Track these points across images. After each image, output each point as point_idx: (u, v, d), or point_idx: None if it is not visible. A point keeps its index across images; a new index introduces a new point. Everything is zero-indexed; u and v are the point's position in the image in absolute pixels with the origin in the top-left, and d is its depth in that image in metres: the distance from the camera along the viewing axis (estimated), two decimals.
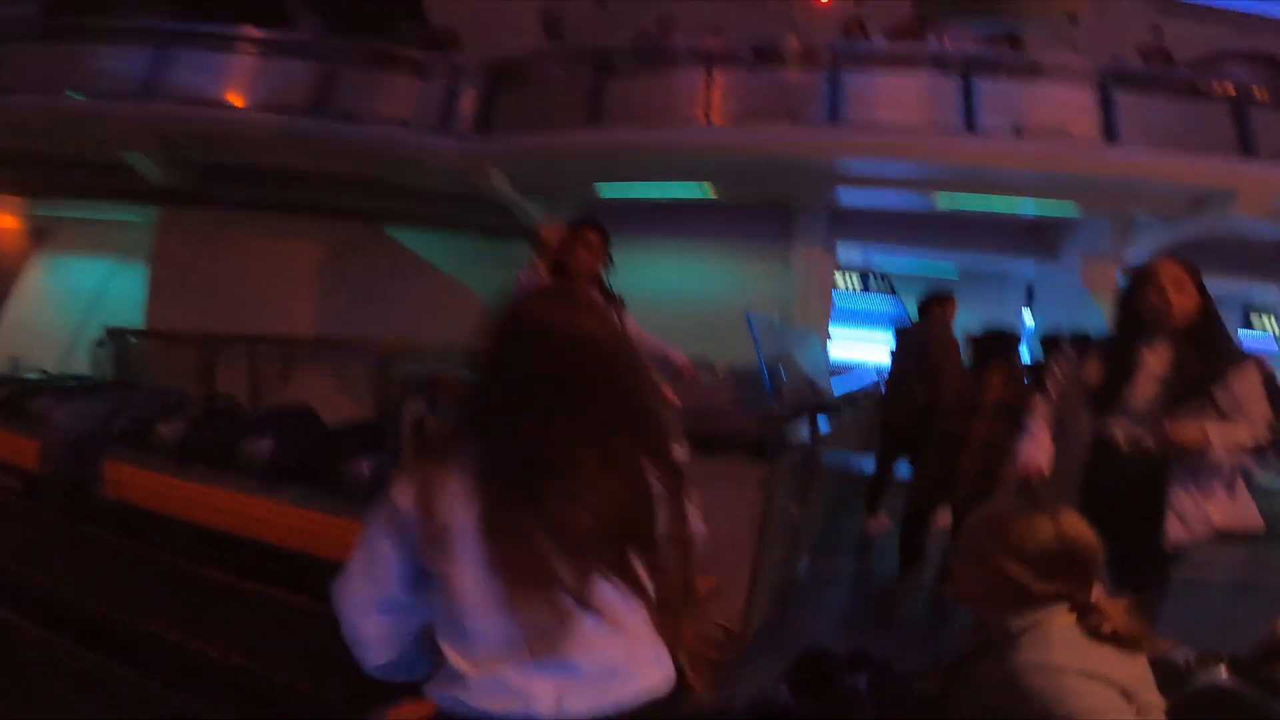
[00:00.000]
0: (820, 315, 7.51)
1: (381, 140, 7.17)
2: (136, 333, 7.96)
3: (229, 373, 7.21)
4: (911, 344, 4.68)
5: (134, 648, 3.15)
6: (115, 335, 8.03)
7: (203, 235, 7.92)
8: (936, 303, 4.70)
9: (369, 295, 7.88)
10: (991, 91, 6.27)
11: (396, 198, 7.62)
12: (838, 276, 8.42)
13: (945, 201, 6.92)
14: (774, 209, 7.33)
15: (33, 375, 6.84)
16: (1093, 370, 2.15)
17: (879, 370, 5.94)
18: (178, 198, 7.65)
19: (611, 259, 3.02)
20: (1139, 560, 2.01)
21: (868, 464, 4.96)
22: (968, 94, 6.21)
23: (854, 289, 9.34)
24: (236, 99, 7.31)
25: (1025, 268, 8.25)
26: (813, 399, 4.17)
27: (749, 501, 2.69)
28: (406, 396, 3.35)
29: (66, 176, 7.52)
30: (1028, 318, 8.48)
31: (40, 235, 8.88)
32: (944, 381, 4.01)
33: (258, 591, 3.46)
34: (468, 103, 7.26)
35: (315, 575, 3.54)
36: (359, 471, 3.57)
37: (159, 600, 3.49)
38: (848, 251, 8.04)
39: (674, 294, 6.69)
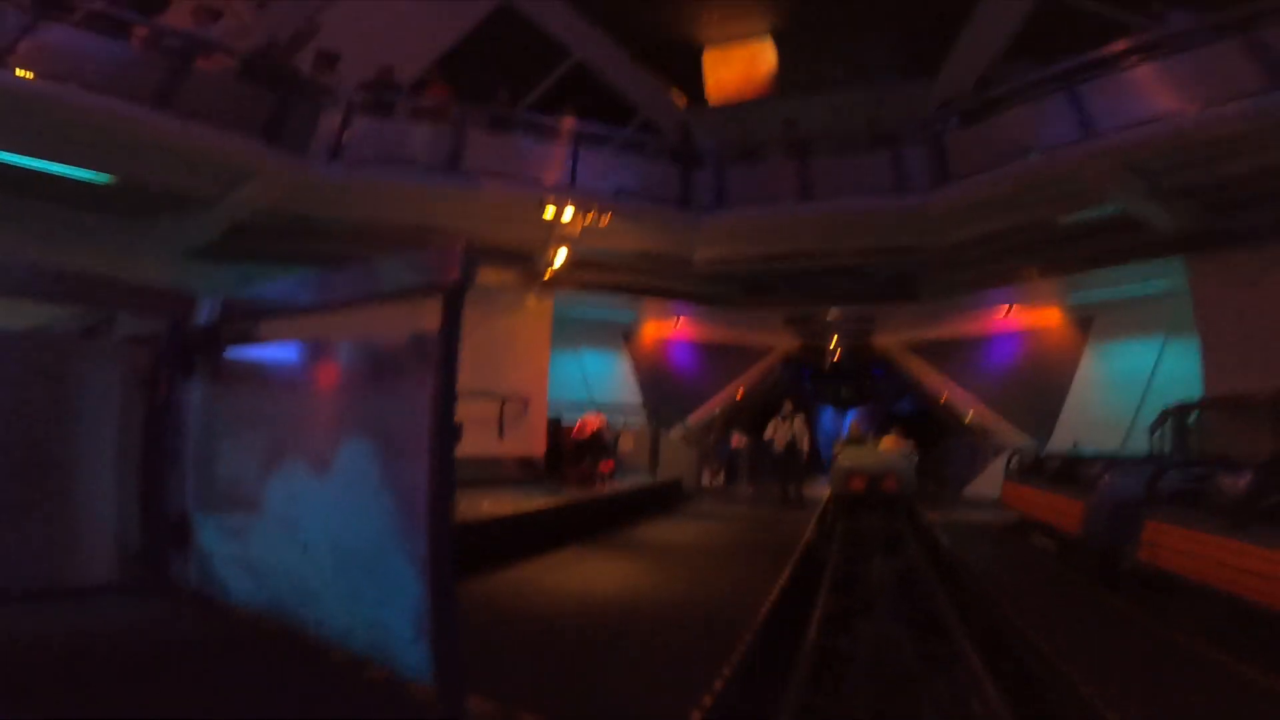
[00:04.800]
0: None
1: None
2: (1195, 405, 6.74)
3: None
4: None
5: None
6: (1173, 412, 7.12)
7: (1242, 278, 6.11)
8: None
9: None
10: None
11: None
12: None
13: None
14: None
15: (1088, 451, 6.65)
16: None
17: None
18: (1196, 243, 6.24)
19: None
20: None
21: None
22: None
23: None
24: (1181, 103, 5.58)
25: None
26: None
27: None
28: None
29: (1082, 248, 7.29)
30: None
31: (1084, 324, 9.01)
32: None
33: None
34: None
35: None
36: None
37: None
38: None
39: None
